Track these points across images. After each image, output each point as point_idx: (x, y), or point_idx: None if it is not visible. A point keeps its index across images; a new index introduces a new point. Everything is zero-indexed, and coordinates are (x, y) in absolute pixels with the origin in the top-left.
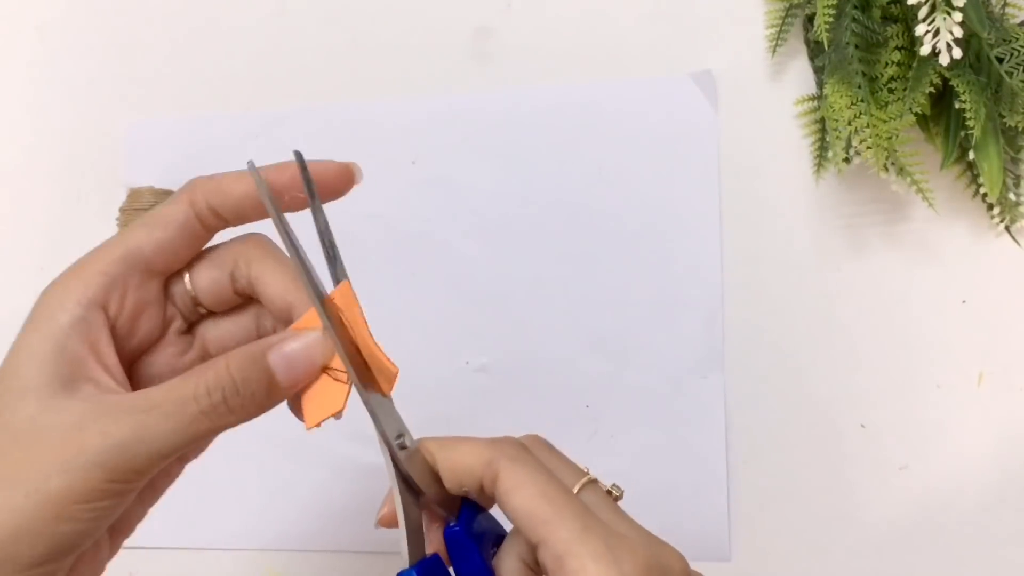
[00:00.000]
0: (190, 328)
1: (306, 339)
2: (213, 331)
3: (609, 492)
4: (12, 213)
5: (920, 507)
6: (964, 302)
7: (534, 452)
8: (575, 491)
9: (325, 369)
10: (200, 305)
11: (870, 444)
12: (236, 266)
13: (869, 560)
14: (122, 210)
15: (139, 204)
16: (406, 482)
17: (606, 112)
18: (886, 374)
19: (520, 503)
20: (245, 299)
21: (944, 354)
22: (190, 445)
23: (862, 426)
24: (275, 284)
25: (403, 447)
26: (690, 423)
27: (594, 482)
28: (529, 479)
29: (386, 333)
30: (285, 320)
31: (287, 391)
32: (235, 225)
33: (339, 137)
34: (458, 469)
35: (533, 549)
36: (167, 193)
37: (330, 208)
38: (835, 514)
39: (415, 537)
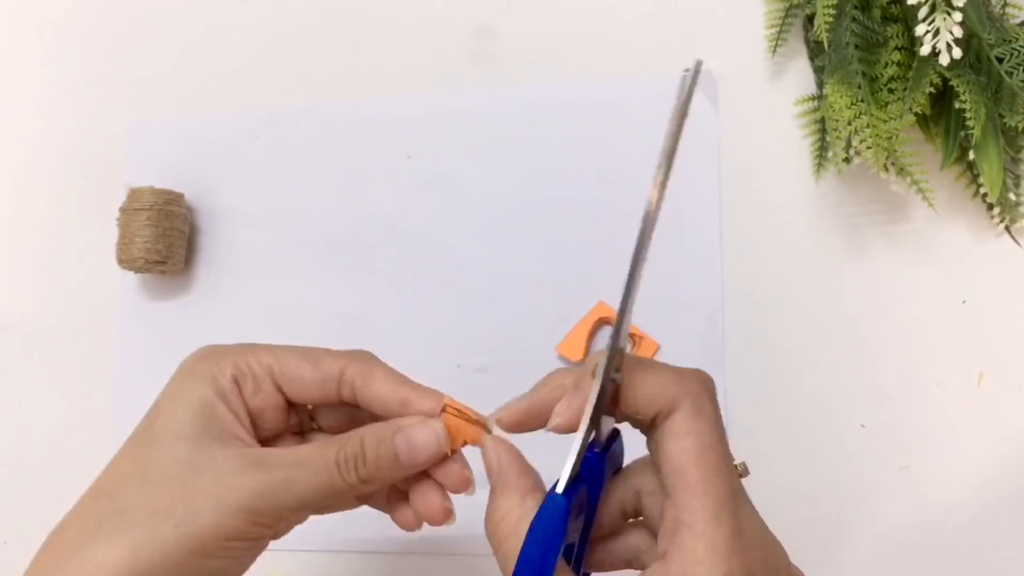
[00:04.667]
0: (302, 432)
1: (430, 428)
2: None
3: (737, 467)
4: (12, 213)
5: (920, 507)
6: (964, 302)
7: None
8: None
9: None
10: (316, 424)
11: (870, 444)
12: (342, 383)
13: (870, 561)
14: (122, 210)
15: (139, 204)
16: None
17: (606, 111)
18: (886, 374)
19: (678, 456)
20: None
21: (944, 354)
22: (329, 500)
23: (862, 426)
24: (387, 387)
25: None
26: None
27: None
28: (697, 435)
29: (384, 332)
30: (396, 415)
31: (409, 468)
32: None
33: (340, 136)
34: (641, 397)
35: (650, 490)
36: (167, 193)
37: (331, 208)
38: (835, 515)
39: (583, 453)
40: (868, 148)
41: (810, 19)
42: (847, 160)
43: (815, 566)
